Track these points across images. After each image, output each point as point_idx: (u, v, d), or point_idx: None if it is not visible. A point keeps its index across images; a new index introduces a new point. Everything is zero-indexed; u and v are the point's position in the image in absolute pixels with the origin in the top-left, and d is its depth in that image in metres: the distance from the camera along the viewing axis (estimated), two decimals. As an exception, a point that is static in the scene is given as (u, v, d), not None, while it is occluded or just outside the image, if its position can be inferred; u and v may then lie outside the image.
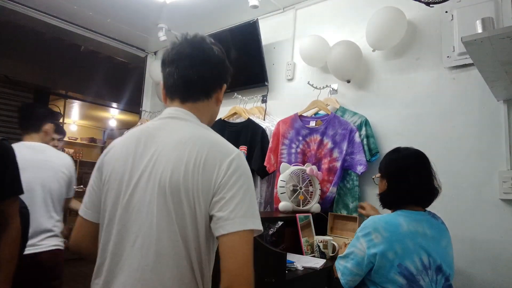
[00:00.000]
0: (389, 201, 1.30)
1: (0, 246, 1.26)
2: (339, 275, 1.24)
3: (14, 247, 1.29)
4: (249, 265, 0.76)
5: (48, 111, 2.12)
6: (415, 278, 1.12)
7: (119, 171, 0.86)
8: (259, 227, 0.80)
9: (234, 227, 0.76)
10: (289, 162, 2.02)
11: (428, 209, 1.30)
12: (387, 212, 1.31)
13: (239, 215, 0.77)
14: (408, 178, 1.24)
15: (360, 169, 1.85)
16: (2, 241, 1.26)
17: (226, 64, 0.97)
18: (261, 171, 2.13)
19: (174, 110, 0.92)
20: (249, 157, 2.21)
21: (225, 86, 0.99)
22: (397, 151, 1.35)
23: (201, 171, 0.80)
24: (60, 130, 2.13)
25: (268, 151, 2.13)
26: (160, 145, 0.85)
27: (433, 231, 1.21)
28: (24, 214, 1.43)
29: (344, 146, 1.91)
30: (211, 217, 0.80)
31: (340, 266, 1.25)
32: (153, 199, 0.80)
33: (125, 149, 0.89)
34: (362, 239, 1.19)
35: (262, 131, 2.22)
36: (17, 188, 1.32)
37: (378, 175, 1.37)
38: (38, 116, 1.97)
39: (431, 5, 1.40)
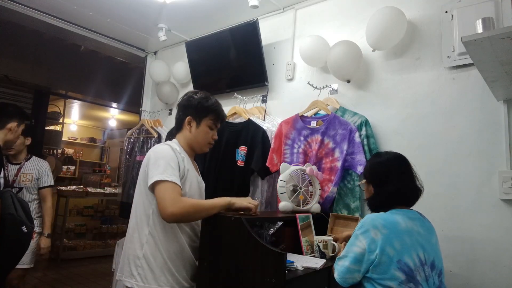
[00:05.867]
0: (376, 204, 1.36)
1: None
2: (335, 274, 1.27)
3: None
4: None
5: (18, 110, 2.12)
6: (413, 273, 1.17)
7: None
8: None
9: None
10: (292, 162, 2.02)
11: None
12: None
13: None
14: (392, 181, 1.31)
15: (360, 169, 1.85)
16: None
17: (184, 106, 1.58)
18: (261, 171, 2.13)
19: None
20: (249, 158, 2.21)
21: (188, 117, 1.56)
22: (378, 155, 1.43)
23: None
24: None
25: (270, 152, 2.13)
26: None
27: (424, 229, 1.28)
28: (6, 220, 1.31)
29: (345, 146, 1.91)
30: None
31: (338, 266, 1.27)
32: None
33: None
34: (361, 236, 1.22)
35: (263, 132, 2.21)
36: None
37: (364, 181, 1.43)
38: (5, 114, 1.99)
39: None
